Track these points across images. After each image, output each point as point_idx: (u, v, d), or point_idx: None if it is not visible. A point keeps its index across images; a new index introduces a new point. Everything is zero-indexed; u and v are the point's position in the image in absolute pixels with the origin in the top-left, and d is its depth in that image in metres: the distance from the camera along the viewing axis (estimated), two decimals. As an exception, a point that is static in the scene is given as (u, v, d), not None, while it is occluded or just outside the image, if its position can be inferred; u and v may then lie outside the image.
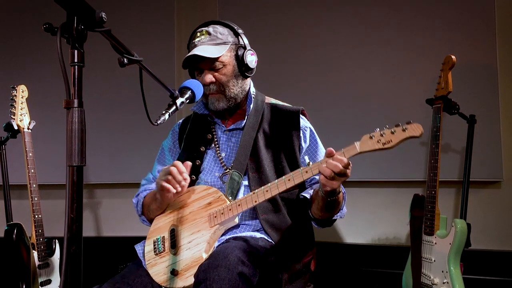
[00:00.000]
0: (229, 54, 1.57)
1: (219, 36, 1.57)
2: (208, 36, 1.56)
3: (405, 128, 1.19)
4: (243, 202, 1.39)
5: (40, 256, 2.24)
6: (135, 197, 1.70)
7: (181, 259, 1.41)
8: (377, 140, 1.22)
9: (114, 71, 2.78)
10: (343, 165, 1.21)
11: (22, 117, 2.31)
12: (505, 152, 2.41)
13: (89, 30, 0.89)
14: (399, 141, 1.20)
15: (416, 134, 1.18)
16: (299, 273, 1.47)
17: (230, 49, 1.57)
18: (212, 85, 1.57)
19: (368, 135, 1.24)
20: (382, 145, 1.22)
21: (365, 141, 1.24)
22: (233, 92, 1.59)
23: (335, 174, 1.22)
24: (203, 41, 1.56)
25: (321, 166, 1.24)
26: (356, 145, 1.25)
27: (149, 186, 1.72)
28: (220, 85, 1.57)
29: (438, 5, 2.54)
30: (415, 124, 1.19)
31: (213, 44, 1.55)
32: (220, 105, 1.59)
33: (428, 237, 1.98)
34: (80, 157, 0.85)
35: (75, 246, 0.84)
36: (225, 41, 1.57)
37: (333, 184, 1.25)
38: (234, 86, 1.59)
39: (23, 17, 3.17)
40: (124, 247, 2.06)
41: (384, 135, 1.21)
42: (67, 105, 0.85)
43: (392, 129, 1.21)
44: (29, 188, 2.24)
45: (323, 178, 1.25)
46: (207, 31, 1.57)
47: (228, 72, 1.57)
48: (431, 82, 2.13)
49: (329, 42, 2.73)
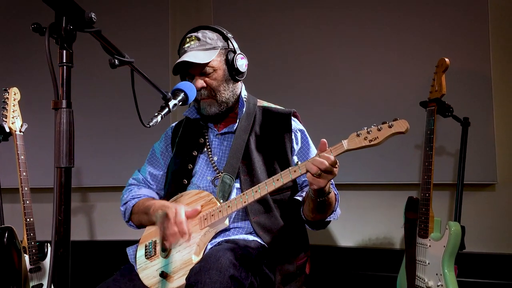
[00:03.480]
0: (219, 59, 1.57)
1: (209, 41, 1.57)
2: (197, 42, 1.56)
3: (391, 124, 1.20)
4: (233, 203, 1.38)
5: (31, 260, 2.22)
6: (123, 204, 1.67)
7: (171, 262, 1.40)
8: (364, 137, 1.23)
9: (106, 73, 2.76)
10: (330, 163, 1.21)
11: (14, 119, 2.29)
12: (499, 154, 2.42)
13: (78, 31, 0.89)
14: (386, 137, 1.21)
15: (402, 129, 1.19)
16: (292, 275, 1.46)
17: (220, 53, 1.58)
18: (203, 90, 1.57)
19: (355, 133, 1.24)
20: (368, 142, 1.22)
21: (352, 139, 1.24)
22: (224, 96, 1.59)
23: (321, 171, 1.21)
24: (192, 47, 1.56)
25: (307, 164, 1.24)
26: (343, 143, 1.25)
27: (137, 192, 1.69)
28: (211, 90, 1.57)
29: (432, 8, 2.54)
30: (401, 120, 1.20)
31: (203, 49, 1.55)
32: (212, 110, 1.59)
33: (422, 240, 1.97)
34: (68, 158, 0.84)
35: (62, 249, 0.83)
36: (214, 46, 1.57)
37: (320, 182, 1.24)
38: (225, 91, 1.59)
39: (14, 18, 3.16)
40: (117, 251, 2.05)
41: (370, 132, 1.22)
42: (55, 106, 0.85)
43: (379, 126, 1.22)
44: (20, 191, 2.21)
45: (309, 175, 1.24)
46: (196, 36, 1.57)
47: (219, 77, 1.57)
48: (425, 85, 2.14)
49: (322, 44, 2.73)
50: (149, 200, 1.59)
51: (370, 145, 1.22)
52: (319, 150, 1.26)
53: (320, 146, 1.26)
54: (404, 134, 1.20)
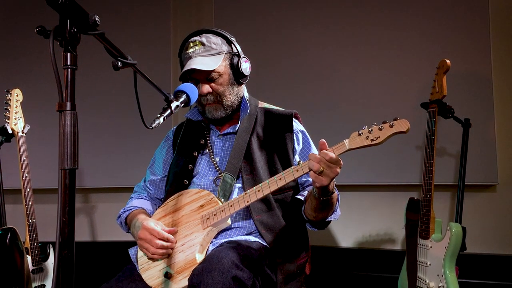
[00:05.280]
0: (224, 63, 1.58)
1: (213, 46, 1.57)
2: (202, 47, 1.56)
3: (392, 124, 1.22)
4: (235, 202, 1.39)
5: (34, 260, 2.23)
6: (118, 218, 1.70)
7: (174, 262, 1.41)
8: (365, 136, 1.24)
9: (109, 74, 2.78)
10: (328, 158, 1.22)
11: (17, 121, 2.30)
12: (500, 155, 2.42)
13: (82, 33, 0.89)
14: (387, 136, 1.22)
15: (403, 129, 1.20)
16: (293, 275, 1.47)
17: (224, 58, 1.58)
18: (209, 95, 1.57)
19: (357, 132, 1.25)
20: (370, 141, 1.23)
21: (353, 138, 1.25)
22: (230, 100, 1.60)
23: (323, 168, 1.22)
24: (197, 52, 1.56)
25: (310, 162, 1.25)
26: (345, 143, 1.26)
27: (128, 204, 1.72)
28: (217, 95, 1.58)
29: (432, 9, 2.55)
30: (402, 120, 1.21)
31: (208, 55, 1.56)
32: (218, 114, 1.60)
33: (424, 241, 1.98)
34: (73, 160, 0.85)
35: (67, 250, 0.83)
36: (219, 51, 1.58)
37: (322, 180, 1.25)
38: (230, 95, 1.60)
39: (17, 20, 3.17)
40: (119, 252, 2.05)
41: (372, 131, 1.23)
42: (60, 108, 0.85)
43: (380, 125, 1.23)
44: (23, 192, 2.23)
45: (312, 173, 1.25)
46: (201, 41, 1.57)
47: (224, 81, 1.58)
48: (425, 86, 2.14)
49: (322, 45, 2.73)
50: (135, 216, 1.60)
51: (371, 144, 1.23)
52: (319, 149, 1.27)
53: (320, 145, 1.27)
54: (405, 133, 1.21)
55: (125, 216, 1.66)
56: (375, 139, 1.23)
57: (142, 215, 1.58)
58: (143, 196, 1.76)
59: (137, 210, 1.64)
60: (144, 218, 1.53)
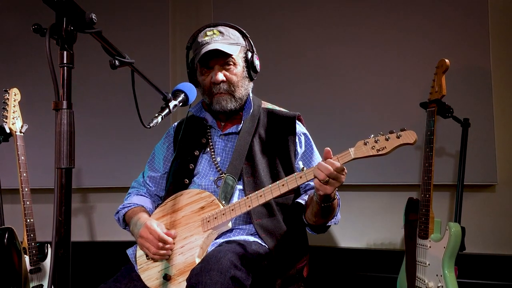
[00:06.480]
0: (240, 55, 1.59)
1: (232, 36, 1.58)
2: (220, 35, 1.55)
3: (399, 135, 1.20)
4: (237, 206, 1.38)
5: (32, 260, 2.22)
6: (115, 214, 1.68)
7: (173, 264, 1.40)
8: (371, 146, 1.22)
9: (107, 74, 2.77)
10: (335, 168, 1.21)
11: (15, 120, 2.29)
12: (499, 155, 2.42)
13: (78, 31, 0.89)
14: (393, 147, 1.21)
15: (410, 141, 1.19)
16: (293, 279, 1.46)
17: (241, 50, 1.59)
18: (222, 84, 1.56)
19: (363, 141, 1.24)
20: (376, 151, 1.22)
21: (359, 147, 1.24)
22: (241, 93, 1.60)
23: (329, 178, 1.21)
24: (216, 39, 1.54)
25: (316, 170, 1.24)
26: (350, 152, 1.24)
27: (128, 201, 1.70)
28: (231, 85, 1.57)
29: (432, 9, 2.54)
30: (409, 131, 1.20)
31: (227, 43, 1.55)
32: (228, 106, 1.58)
33: (423, 241, 1.97)
34: (69, 159, 0.84)
35: (63, 250, 0.83)
36: (237, 42, 1.59)
37: (327, 189, 1.24)
38: (242, 87, 1.60)
39: (14, 19, 3.15)
40: (117, 252, 2.05)
41: (378, 141, 1.22)
42: (56, 106, 0.84)
43: (387, 135, 1.21)
44: (21, 192, 2.21)
45: (317, 182, 1.24)
46: (219, 30, 1.57)
47: (239, 72, 1.58)
48: (425, 86, 2.13)
49: (321, 45, 2.73)
50: (135, 213, 1.58)
51: (377, 155, 1.22)
52: (324, 158, 1.26)
53: (325, 154, 1.25)
54: (412, 145, 1.20)
55: (123, 212, 1.64)
56: (381, 150, 1.21)
57: (144, 214, 1.56)
58: (142, 193, 1.74)
59: (137, 208, 1.62)
60: (147, 218, 1.51)
